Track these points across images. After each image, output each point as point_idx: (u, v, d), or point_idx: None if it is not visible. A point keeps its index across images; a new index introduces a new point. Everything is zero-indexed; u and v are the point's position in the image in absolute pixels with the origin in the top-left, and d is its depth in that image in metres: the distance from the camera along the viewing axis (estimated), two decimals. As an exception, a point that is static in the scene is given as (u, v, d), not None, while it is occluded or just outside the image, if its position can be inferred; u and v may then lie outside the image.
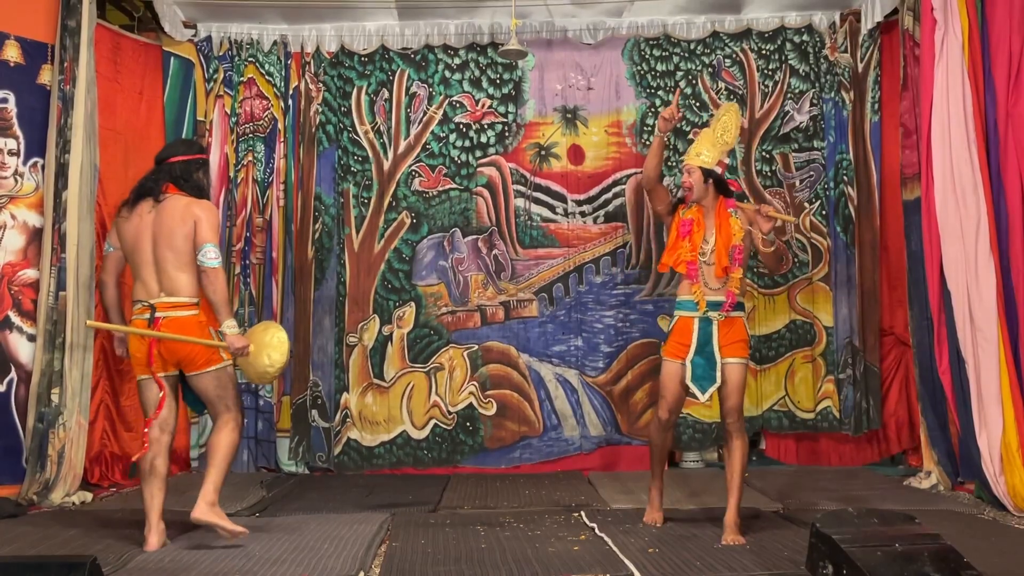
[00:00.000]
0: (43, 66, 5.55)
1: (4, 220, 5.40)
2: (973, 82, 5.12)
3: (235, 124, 6.80)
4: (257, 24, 6.82)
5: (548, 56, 6.91)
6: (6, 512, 4.83)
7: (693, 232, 4.46)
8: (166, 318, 4.13)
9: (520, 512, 5.03)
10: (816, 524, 3.45)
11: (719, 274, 4.38)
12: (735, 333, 4.40)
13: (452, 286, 6.78)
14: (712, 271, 4.39)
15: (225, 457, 4.27)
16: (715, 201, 4.49)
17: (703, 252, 4.41)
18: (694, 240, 4.44)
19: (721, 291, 4.39)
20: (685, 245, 4.46)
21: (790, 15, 6.80)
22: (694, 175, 4.45)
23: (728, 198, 4.53)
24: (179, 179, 4.28)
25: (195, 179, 4.32)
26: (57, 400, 5.25)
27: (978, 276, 5.01)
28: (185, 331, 4.14)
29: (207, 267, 4.14)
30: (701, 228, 4.46)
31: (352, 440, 6.60)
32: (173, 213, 4.17)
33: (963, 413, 5.15)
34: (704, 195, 4.47)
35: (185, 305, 4.18)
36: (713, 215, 4.48)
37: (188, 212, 4.17)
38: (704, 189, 4.46)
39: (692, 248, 4.44)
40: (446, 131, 6.85)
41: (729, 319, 4.39)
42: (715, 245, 4.40)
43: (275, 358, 4.36)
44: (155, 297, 4.18)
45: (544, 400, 6.68)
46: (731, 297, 4.37)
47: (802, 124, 6.78)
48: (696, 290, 4.40)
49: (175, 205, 4.20)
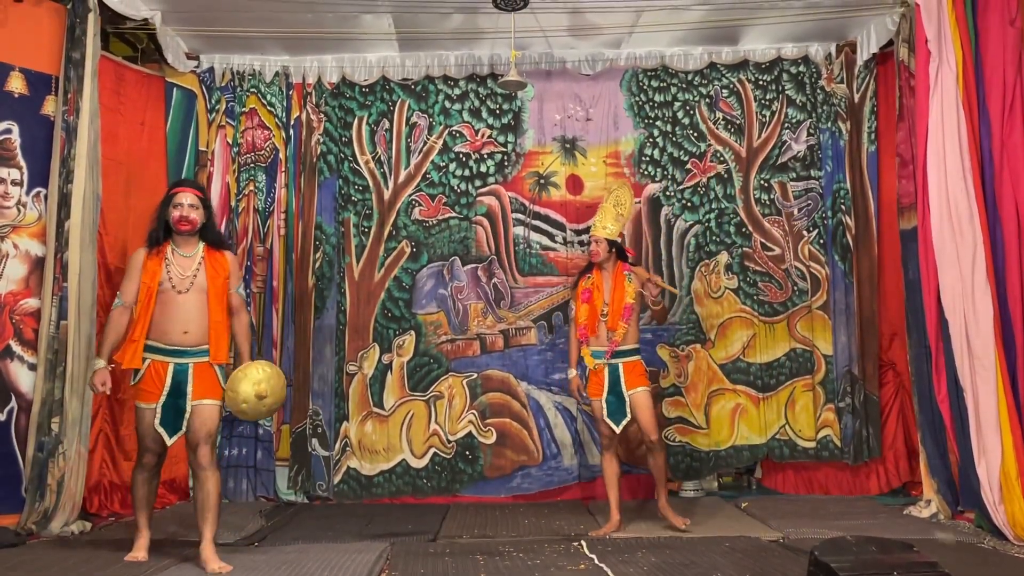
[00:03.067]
0: (47, 97, 5.60)
1: (6, 249, 5.42)
2: (968, 113, 5.17)
3: (236, 154, 6.85)
4: (259, 55, 6.90)
5: (547, 87, 6.98)
6: (6, 541, 4.81)
7: (593, 298, 5.36)
8: None
9: (519, 541, 5.02)
10: (815, 552, 3.44)
11: (610, 328, 5.28)
12: (636, 368, 5.31)
13: (452, 314, 6.80)
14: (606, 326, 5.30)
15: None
16: (614, 265, 5.40)
17: (603, 313, 5.31)
18: (593, 305, 5.35)
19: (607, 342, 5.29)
20: (584, 310, 5.38)
21: (787, 46, 6.88)
22: (601, 244, 5.34)
23: (625, 263, 5.42)
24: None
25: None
26: (57, 429, 5.25)
27: (975, 304, 5.03)
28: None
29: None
30: (600, 292, 5.36)
31: (352, 469, 6.59)
32: None
33: (962, 441, 5.15)
34: (607, 260, 5.38)
35: None
36: (611, 278, 5.38)
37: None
38: (608, 255, 5.37)
39: (590, 312, 5.35)
40: (446, 160, 6.91)
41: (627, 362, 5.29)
42: (611, 306, 5.30)
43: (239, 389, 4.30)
44: None
45: (543, 429, 6.68)
46: (612, 346, 5.26)
47: (799, 153, 6.84)
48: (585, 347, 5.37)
49: None
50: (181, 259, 4.49)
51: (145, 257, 4.47)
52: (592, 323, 5.33)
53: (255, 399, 4.25)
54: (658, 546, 4.80)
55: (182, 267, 4.47)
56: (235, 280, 4.63)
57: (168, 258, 4.46)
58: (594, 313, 5.33)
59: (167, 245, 4.50)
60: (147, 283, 4.40)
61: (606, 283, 5.38)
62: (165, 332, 4.39)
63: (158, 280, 4.41)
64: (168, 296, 4.41)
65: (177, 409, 4.36)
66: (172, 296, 4.41)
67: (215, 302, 4.48)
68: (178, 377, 4.38)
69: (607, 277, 5.40)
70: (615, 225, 5.39)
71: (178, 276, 4.44)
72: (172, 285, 4.42)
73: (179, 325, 4.40)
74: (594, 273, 5.44)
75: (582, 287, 5.46)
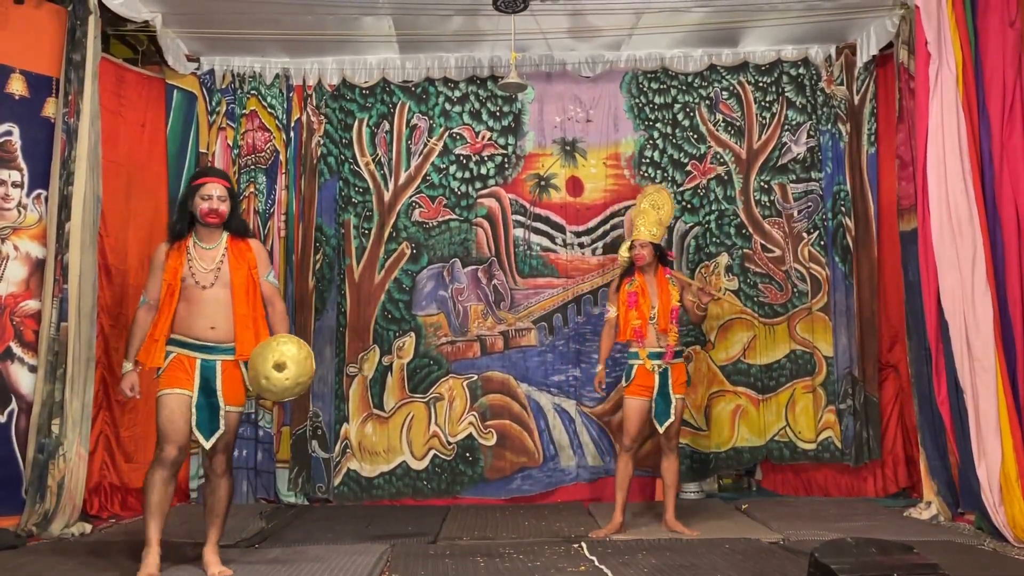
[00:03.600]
0: (47, 99, 5.61)
1: (7, 251, 5.42)
2: (968, 114, 5.17)
3: (237, 156, 6.86)
4: (259, 57, 6.91)
5: (547, 89, 6.98)
6: (6, 543, 4.81)
7: (639, 302, 5.38)
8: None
9: (520, 543, 5.02)
10: (815, 554, 3.44)
11: (662, 331, 5.34)
12: (680, 375, 5.39)
13: (452, 316, 6.80)
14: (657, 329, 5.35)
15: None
16: (656, 268, 5.45)
17: (651, 317, 5.35)
18: (641, 309, 5.36)
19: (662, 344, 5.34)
20: (633, 314, 5.37)
21: (786, 48, 6.88)
22: (647, 248, 5.40)
23: (666, 267, 5.51)
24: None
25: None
26: (57, 431, 5.25)
27: (975, 306, 5.03)
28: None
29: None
30: (646, 296, 5.40)
31: (352, 471, 6.60)
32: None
33: (962, 443, 5.15)
34: (650, 263, 5.42)
35: None
36: (655, 282, 5.43)
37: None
38: (653, 259, 5.43)
39: (639, 316, 5.36)
40: (446, 162, 6.92)
41: (676, 365, 5.38)
42: (659, 309, 5.35)
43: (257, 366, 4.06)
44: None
45: (543, 430, 6.69)
46: (670, 349, 5.34)
47: (799, 155, 6.84)
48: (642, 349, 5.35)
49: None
50: (203, 252, 4.27)
51: (166, 253, 4.28)
52: (643, 326, 5.35)
53: (274, 372, 3.95)
54: (658, 548, 4.80)
55: (205, 260, 4.25)
56: (263, 268, 4.38)
57: (190, 252, 4.25)
58: (642, 317, 5.35)
59: (189, 238, 4.30)
60: (168, 280, 4.20)
61: (651, 286, 5.42)
62: (191, 327, 4.19)
63: (180, 276, 4.20)
64: (192, 292, 4.20)
65: (212, 408, 4.13)
66: (196, 292, 4.20)
67: (240, 294, 4.25)
68: (206, 374, 4.16)
69: (651, 281, 5.43)
70: (659, 229, 5.47)
71: (201, 271, 4.22)
72: (196, 281, 4.20)
73: (205, 321, 4.18)
74: (637, 276, 5.45)
75: (626, 290, 5.44)
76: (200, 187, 4.28)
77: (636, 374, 5.36)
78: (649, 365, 5.31)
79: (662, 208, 5.49)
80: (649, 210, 5.46)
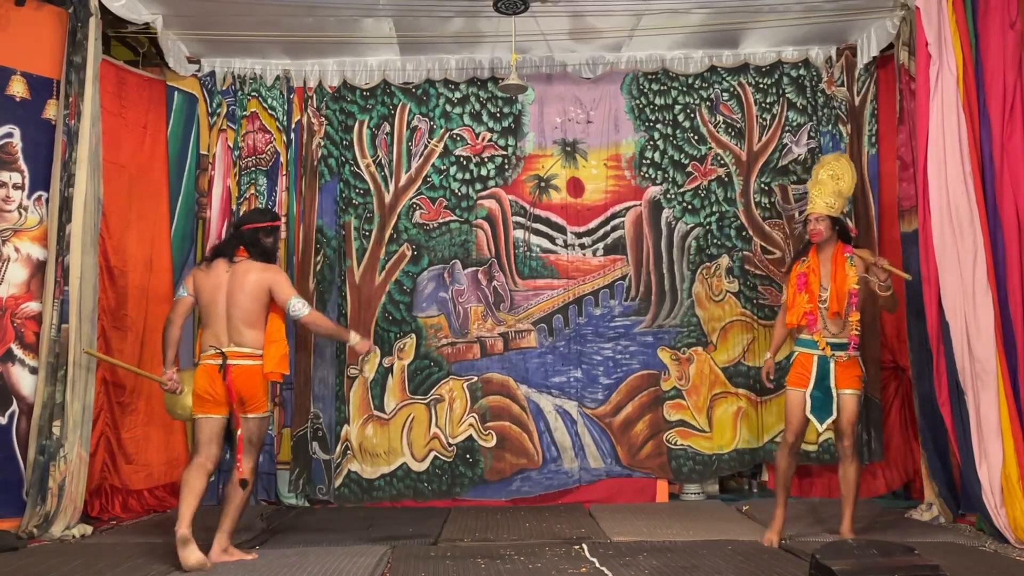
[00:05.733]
0: (48, 101, 5.61)
1: (8, 253, 5.42)
2: (968, 116, 5.16)
3: (238, 158, 6.86)
4: (260, 59, 6.91)
5: (548, 90, 6.99)
6: (6, 545, 4.81)
7: (809, 283, 4.90)
8: (236, 365, 4.55)
9: (520, 545, 5.02)
10: (816, 555, 3.45)
11: (832, 316, 4.84)
12: (851, 368, 4.88)
13: (452, 317, 6.80)
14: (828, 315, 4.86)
15: (241, 505, 4.64)
16: (834, 246, 4.93)
17: (822, 299, 4.87)
18: (811, 290, 4.89)
19: (842, 334, 4.86)
20: (803, 297, 4.90)
21: (787, 50, 6.88)
22: (823, 223, 4.90)
23: (847, 244, 4.95)
24: (249, 245, 4.75)
25: (262, 244, 4.80)
26: (58, 433, 5.25)
27: (976, 307, 5.02)
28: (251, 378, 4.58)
29: (300, 319, 4.68)
30: (817, 276, 4.91)
31: (352, 472, 6.59)
32: (245, 277, 4.64)
33: (963, 445, 5.14)
34: (828, 241, 4.92)
35: (251, 355, 4.61)
36: (830, 262, 4.90)
37: (261, 279, 4.65)
38: (831, 235, 4.92)
39: (811, 299, 4.88)
40: (447, 164, 6.92)
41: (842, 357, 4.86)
42: (831, 291, 4.84)
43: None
44: (225, 346, 4.59)
45: (543, 432, 6.68)
46: (854, 340, 4.83)
47: (800, 156, 6.84)
48: (817, 335, 4.87)
49: (247, 270, 4.66)
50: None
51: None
52: (813, 311, 4.88)
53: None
54: (659, 549, 4.80)
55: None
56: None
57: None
58: (812, 300, 4.89)
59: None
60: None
61: (824, 267, 4.93)
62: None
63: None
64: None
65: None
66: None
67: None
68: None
69: (825, 260, 4.94)
70: (838, 200, 4.95)
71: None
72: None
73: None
74: (810, 255, 4.99)
75: (796, 271, 5.00)
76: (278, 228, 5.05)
77: (795, 362, 4.99)
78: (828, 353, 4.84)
79: (842, 178, 4.97)
80: (827, 180, 4.96)
